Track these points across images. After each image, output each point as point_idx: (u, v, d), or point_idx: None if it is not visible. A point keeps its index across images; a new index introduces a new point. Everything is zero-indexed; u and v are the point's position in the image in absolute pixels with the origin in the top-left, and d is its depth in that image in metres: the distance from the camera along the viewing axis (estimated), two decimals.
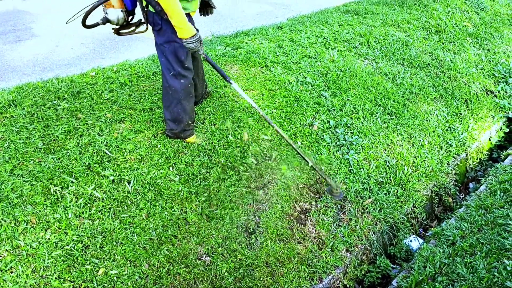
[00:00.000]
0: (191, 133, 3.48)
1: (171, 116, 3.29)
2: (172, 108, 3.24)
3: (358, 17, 6.34)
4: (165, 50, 2.98)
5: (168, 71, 3.08)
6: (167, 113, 3.29)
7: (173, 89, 3.13)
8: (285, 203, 3.35)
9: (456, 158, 4.55)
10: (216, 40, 5.40)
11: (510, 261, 2.60)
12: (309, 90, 4.43)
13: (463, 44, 6.09)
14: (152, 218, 2.90)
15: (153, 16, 2.86)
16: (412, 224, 3.88)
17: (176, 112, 3.26)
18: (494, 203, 3.60)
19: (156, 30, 2.93)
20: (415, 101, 4.80)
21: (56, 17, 7.16)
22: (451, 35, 6.20)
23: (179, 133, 3.40)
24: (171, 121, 3.32)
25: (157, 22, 2.87)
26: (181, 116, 3.28)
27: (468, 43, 6.19)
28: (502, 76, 5.82)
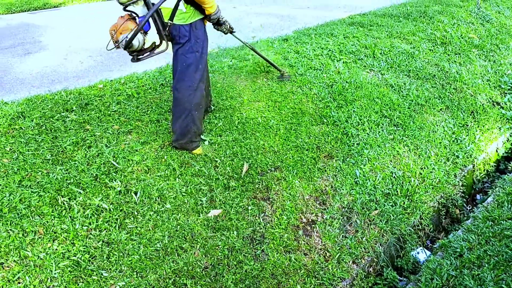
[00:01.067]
0: (198, 145, 3.50)
1: (180, 127, 3.31)
2: (183, 119, 3.26)
3: (363, 29, 6.38)
4: (187, 60, 3.10)
5: (183, 81, 3.16)
6: (176, 124, 3.31)
7: (187, 100, 3.19)
8: (291, 214, 3.35)
9: (463, 169, 4.53)
10: (222, 53, 5.46)
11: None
12: (315, 102, 4.45)
13: (468, 56, 6.10)
14: (158, 229, 2.91)
15: (179, 29, 3.01)
16: (419, 236, 3.85)
17: (186, 124, 3.28)
18: (501, 214, 3.57)
19: (181, 43, 3.07)
20: (421, 113, 4.80)
21: (65, 30, 7.27)
22: (457, 47, 6.22)
23: (186, 144, 3.41)
24: (179, 132, 3.34)
25: (183, 35, 3.03)
26: (190, 127, 3.30)
27: (474, 55, 6.20)
28: (509, 88, 5.82)
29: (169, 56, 5.91)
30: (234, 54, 5.21)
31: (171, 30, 3.04)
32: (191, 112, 3.24)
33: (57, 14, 9.63)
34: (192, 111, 3.24)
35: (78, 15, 9.31)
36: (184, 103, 3.20)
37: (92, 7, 10.48)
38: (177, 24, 3.01)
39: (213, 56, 5.25)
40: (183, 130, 3.31)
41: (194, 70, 3.14)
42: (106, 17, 8.69)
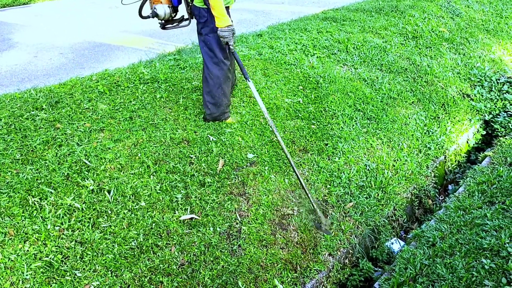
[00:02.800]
0: (229, 115, 3.88)
1: (212, 100, 3.63)
2: (214, 92, 3.58)
3: (336, 24, 6.43)
4: (209, 39, 3.34)
5: (210, 59, 3.44)
6: (209, 97, 3.62)
7: (215, 75, 3.49)
8: (267, 208, 3.36)
9: (435, 161, 4.63)
10: (196, 49, 5.42)
11: (488, 260, 2.65)
12: (290, 97, 4.47)
13: (439, 49, 6.22)
14: (133, 227, 2.88)
15: (199, 10, 3.25)
16: (393, 227, 3.92)
17: (217, 96, 3.61)
18: (472, 204, 3.66)
19: (202, 22, 3.30)
20: (393, 106, 4.88)
21: (35, 27, 7.10)
22: (428, 41, 6.34)
23: (219, 115, 3.77)
24: (212, 105, 3.66)
25: (203, 15, 3.25)
26: (221, 99, 3.65)
27: (444, 48, 6.33)
28: (478, 80, 5.96)
29: (142, 53, 5.84)
30: None
31: (192, 9, 3.32)
32: (221, 86, 3.56)
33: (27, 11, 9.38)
34: (222, 85, 3.56)
35: (48, 12, 9.09)
36: (214, 79, 3.50)
37: (62, 4, 10.25)
38: (197, 6, 3.25)
39: (187, 52, 5.21)
40: (216, 102, 3.65)
41: (218, 48, 3.38)
42: (76, 14, 8.52)
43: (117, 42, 6.47)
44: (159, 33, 7.20)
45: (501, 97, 5.77)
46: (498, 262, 2.58)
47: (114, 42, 6.47)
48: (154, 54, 5.64)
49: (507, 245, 2.64)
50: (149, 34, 7.24)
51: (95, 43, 6.41)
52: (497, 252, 2.69)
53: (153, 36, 7.08)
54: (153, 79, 4.25)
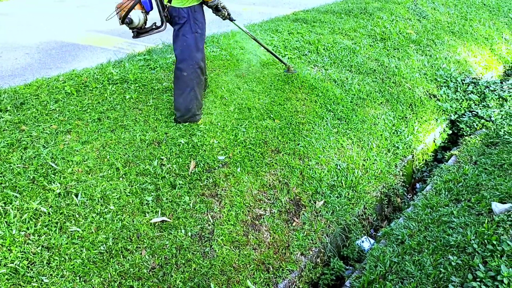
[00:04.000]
0: (200, 117, 3.88)
1: (184, 103, 3.62)
2: (186, 95, 3.58)
3: (307, 26, 6.49)
4: (187, 40, 3.37)
5: (185, 60, 3.43)
6: (180, 100, 3.60)
7: (189, 77, 3.49)
8: (239, 209, 3.36)
9: (403, 160, 4.73)
10: (166, 49, 5.35)
11: (454, 257, 2.72)
12: (261, 98, 4.48)
13: (406, 51, 6.36)
14: (102, 231, 2.82)
15: (178, 11, 3.27)
16: (364, 225, 3.98)
17: (189, 99, 3.60)
18: (439, 201, 3.76)
19: (180, 23, 3.33)
20: (363, 106, 4.96)
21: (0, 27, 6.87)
22: (396, 42, 6.47)
23: (190, 118, 3.75)
24: (183, 108, 3.65)
25: (182, 16, 3.28)
26: (193, 102, 3.64)
27: (412, 50, 6.47)
28: (444, 81, 6.13)
29: (111, 53, 5.73)
30: None
31: (170, 11, 3.31)
32: (193, 89, 3.57)
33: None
34: (195, 87, 3.57)
35: (14, 11, 8.81)
36: (187, 81, 3.50)
37: (28, 2, 9.95)
38: (175, 7, 3.26)
39: (157, 52, 5.14)
40: (187, 105, 3.63)
41: (195, 50, 3.42)
42: (43, 13, 8.29)
43: (85, 41, 6.32)
44: (128, 33, 7.08)
45: (466, 97, 5.95)
46: (464, 258, 2.66)
47: (82, 42, 6.33)
48: (123, 54, 5.54)
49: (472, 242, 2.72)
50: (118, 33, 7.11)
51: (62, 42, 6.25)
52: (463, 249, 2.76)
53: (122, 36, 6.96)
54: (122, 80, 4.18)
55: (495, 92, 5.95)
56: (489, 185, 3.61)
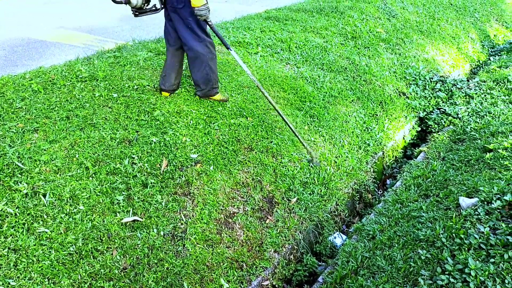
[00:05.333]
0: (217, 91, 4.16)
1: (201, 77, 3.90)
2: (202, 70, 3.83)
3: (279, 24, 6.51)
4: (190, 22, 3.54)
5: (194, 40, 3.63)
6: (198, 75, 3.88)
7: (201, 53, 3.70)
8: (213, 207, 3.34)
9: (374, 156, 4.81)
10: (137, 46, 5.27)
11: (424, 251, 2.79)
12: (234, 95, 4.46)
13: (377, 49, 6.47)
14: (71, 231, 2.75)
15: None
16: (336, 222, 4.03)
17: (205, 73, 3.87)
18: (409, 197, 3.84)
19: (180, 8, 3.47)
20: (334, 104, 5.01)
21: None
22: (366, 41, 6.57)
23: (208, 91, 4.06)
24: (201, 82, 3.95)
25: (181, 1, 3.41)
26: (210, 76, 3.91)
27: (382, 48, 6.58)
28: (413, 79, 6.26)
29: (80, 50, 5.60)
30: (150, 47, 5.05)
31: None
32: (208, 63, 3.80)
33: None
34: (208, 61, 3.79)
35: None
36: (199, 57, 3.72)
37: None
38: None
39: (127, 49, 5.05)
40: (204, 79, 3.92)
41: (199, 29, 3.59)
42: (9, 9, 8.02)
43: (52, 38, 6.15)
44: (97, 30, 6.94)
45: (434, 95, 6.10)
46: (433, 252, 2.72)
47: (50, 39, 6.16)
48: (93, 51, 5.43)
49: (441, 236, 2.79)
50: (87, 30, 6.95)
51: (29, 39, 6.06)
52: (432, 243, 2.83)
53: (92, 33, 6.81)
54: (91, 77, 4.08)
55: (462, 90, 6.12)
56: (456, 180, 3.71)
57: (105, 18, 7.61)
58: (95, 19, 7.69)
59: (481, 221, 2.76)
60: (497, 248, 2.44)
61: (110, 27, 7.22)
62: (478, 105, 5.52)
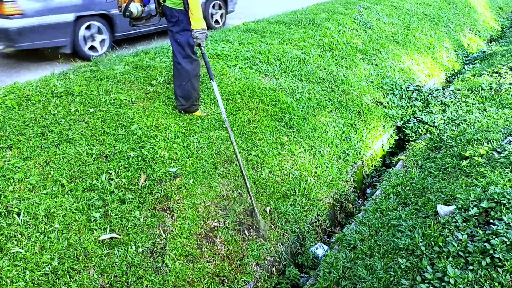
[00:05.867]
0: (198, 108, 4.23)
1: (182, 93, 3.98)
2: (183, 86, 3.91)
3: (257, 36, 6.54)
4: (180, 37, 3.66)
5: (181, 55, 3.75)
6: (179, 90, 3.97)
7: (185, 69, 3.81)
8: (192, 222, 3.30)
9: (354, 166, 4.84)
10: (115, 60, 5.22)
11: (403, 260, 2.80)
12: (213, 108, 4.45)
13: (354, 60, 6.55)
14: (46, 251, 2.68)
15: (171, 10, 3.54)
16: (317, 232, 4.03)
17: (187, 90, 3.95)
18: (388, 206, 3.87)
19: (173, 21, 3.60)
20: (313, 114, 5.04)
21: None
22: (343, 52, 6.65)
23: (189, 107, 4.11)
24: (182, 97, 4.02)
25: (174, 15, 3.56)
26: (191, 93, 3.98)
27: (358, 59, 6.68)
28: (390, 88, 6.35)
29: (56, 64, 5.53)
30: (127, 61, 5.01)
31: (164, 10, 3.59)
32: (190, 80, 3.88)
33: None
34: (192, 79, 3.88)
35: None
36: (184, 73, 3.82)
37: None
38: (169, 6, 3.53)
39: (104, 63, 5.00)
40: (185, 95, 3.99)
41: (188, 45, 3.70)
42: None
43: (28, 52, 6.07)
44: None
45: (410, 104, 6.20)
46: (413, 261, 2.74)
47: (25, 54, 6.07)
48: (69, 65, 5.36)
49: (420, 244, 2.81)
50: None
51: (2, 54, 5.96)
52: (412, 252, 2.85)
53: None
54: (67, 92, 4.02)
55: (438, 98, 6.24)
56: (434, 188, 3.76)
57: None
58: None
59: (459, 228, 2.79)
60: (475, 255, 2.47)
61: None
62: (453, 113, 5.63)
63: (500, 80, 6.25)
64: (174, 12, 3.55)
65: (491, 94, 5.88)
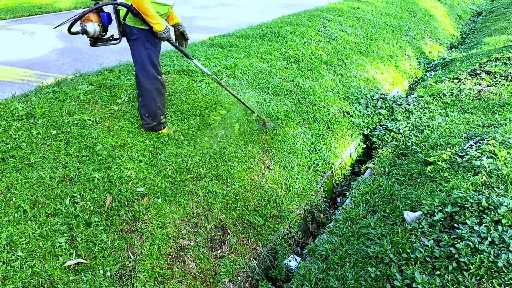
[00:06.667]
0: (165, 126, 4.18)
1: (147, 112, 3.94)
2: (148, 105, 3.89)
3: (223, 50, 6.57)
4: (141, 55, 3.65)
5: (142, 75, 3.73)
6: (143, 110, 3.94)
7: (148, 89, 3.79)
8: (162, 242, 3.25)
9: (323, 176, 4.89)
10: (78, 79, 5.13)
11: (373, 268, 2.83)
12: (180, 124, 4.42)
13: (319, 71, 6.65)
14: (9, 280, 2.58)
15: (130, 28, 3.54)
16: (290, 244, 4.03)
17: (151, 109, 3.92)
18: (358, 214, 3.92)
19: (133, 39, 3.60)
20: (282, 127, 5.08)
21: None
22: (309, 64, 6.75)
23: (155, 125, 4.06)
24: (147, 117, 3.98)
25: (133, 32, 3.55)
26: (156, 111, 3.95)
27: (324, 70, 6.78)
28: (355, 98, 6.47)
29: (17, 86, 5.38)
30: (91, 80, 4.93)
31: (124, 28, 3.57)
32: (154, 99, 3.86)
33: None
34: (155, 97, 3.86)
35: None
36: (147, 92, 3.80)
37: None
38: (128, 24, 3.52)
39: (67, 83, 4.89)
40: (150, 114, 3.95)
41: (150, 64, 3.69)
42: None
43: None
44: (37, 64, 6.72)
45: (376, 112, 6.33)
46: (382, 269, 2.77)
47: None
48: (31, 87, 5.23)
49: (389, 252, 2.85)
50: (26, 65, 6.71)
51: None
52: (381, 259, 2.88)
53: (31, 68, 6.58)
54: (28, 115, 3.92)
55: (402, 106, 6.40)
56: (401, 194, 3.83)
57: (45, 51, 7.40)
58: (35, 52, 7.45)
59: (425, 234, 2.85)
60: (441, 260, 2.52)
61: (50, 61, 7.01)
62: (417, 119, 5.78)
63: (461, 85, 6.46)
64: (133, 30, 3.54)
65: (453, 100, 6.07)
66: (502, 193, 3.03)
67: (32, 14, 12.06)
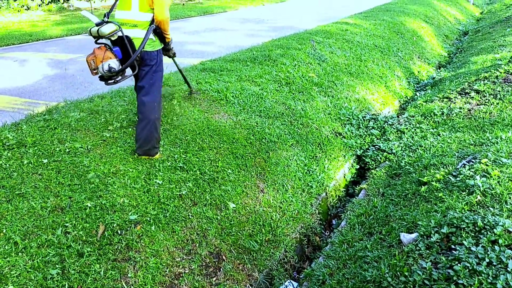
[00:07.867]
0: (158, 151, 4.16)
1: (144, 135, 3.92)
2: (147, 128, 3.89)
3: (214, 75, 6.61)
4: (153, 78, 3.83)
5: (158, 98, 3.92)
6: (142, 133, 3.91)
7: (150, 112, 3.85)
8: (156, 271, 3.18)
9: (318, 198, 4.87)
10: (69, 106, 5.11)
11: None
12: (172, 149, 4.40)
13: (310, 93, 6.70)
14: None
15: (150, 54, 3.75)
16: (286, 269, 3.98)
17: (149, 132, 3.91)
18: (354, 237, 3.88)
19: (151, 65, 3.80)
20: (275, 149, 5.08)
21: None
22: (300, 86, 6.80)
23: (149, 150, 4.03)
24: (143, 140, 3.94)
25: (153, 57, 3.79)
26: (153, 135, 3.96)
27: (315, 92, 6.84)
28: (347, 119, 6.51)
29: (7, 115, 5.35)
30: (82, 107, 4.91)
31: (142, 55, 3.71)
32: (154, 122, 3.90)
33: None
34: (155, 121, 3.91)
35: None
36: (149, 115, 3.84)
37: None
38: (148, 51, 3.72)
39: (58, 111, 4.87)
40: (147, 137, 3.93)
41: (158, 87, 3.89)
42: None
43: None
44: (27, 92, 6.72)
45: (368, 132, 6.36)
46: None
47: None
48: (22, 115, 5.21)
49: (386, 275, 2.81)
50: (16, 93, 6.71)
51: None
52: (379, 284, 2.84)
53: (22, 95, 6.58)
54: (19, 144, 3.88)
55: (393, 126, 6.44)
56: (396, 215, 3.81)
57: (36, 78, 7.40)
58: (26, 80, 7.45)
59: (423, 256, 2.82)
60: (440, 283, 2.49)
61: (41, 88, 7.02)
62: (409, 139, 5.81)
63: (451, 104, 6.53)
64: (153, 55, 3.78)
65: (443, 119, 6.13)
66: (498, 213, 3.02)
67: (23, 42, 12.12)
